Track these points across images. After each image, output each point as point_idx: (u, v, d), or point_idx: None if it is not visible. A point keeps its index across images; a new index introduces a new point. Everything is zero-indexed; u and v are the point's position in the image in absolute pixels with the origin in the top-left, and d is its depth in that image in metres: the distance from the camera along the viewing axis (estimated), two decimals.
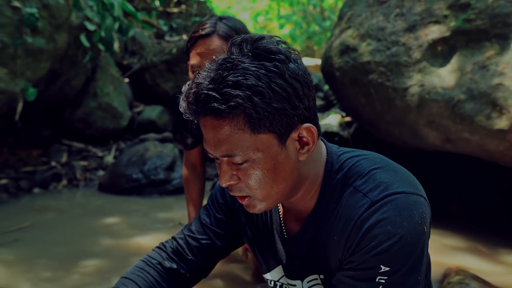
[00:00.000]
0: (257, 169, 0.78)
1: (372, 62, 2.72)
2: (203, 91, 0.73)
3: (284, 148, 0.78)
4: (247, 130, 0.74)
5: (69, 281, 1.86)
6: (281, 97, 0.74)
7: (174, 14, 5.77)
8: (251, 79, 0.72)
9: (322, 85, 5.59)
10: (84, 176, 3.65)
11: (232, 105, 0.72)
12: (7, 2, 3.02)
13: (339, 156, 0.87)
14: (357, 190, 0.81)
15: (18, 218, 2.64)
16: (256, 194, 0.81)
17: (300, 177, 0.83)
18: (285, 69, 0.75)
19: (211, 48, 1.36)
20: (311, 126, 0.79)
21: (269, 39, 0.78)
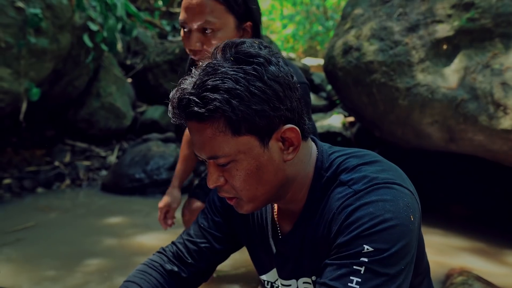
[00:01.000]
0: (241, 170, 0.79)
1: (375, 62, 2.71)
2: (185, 96, 0.76)
3: (267, 149, 0.79)
4: (228, 132, 0.76)
5: (71, 280, 1.87)
6: (260, 99, 0.75)
7: (177, 14, 5.78)
8: (229, 83, 0.74)
9: (325, 85, 5.58)
10: (87, 176, 3.66)
11: (210, 109, 0.74)
12: (10, 3, 3.03)
13: (330, 155, 0.88)
14: (342, 183, 0.81)
15: (22, 217, 2.65)
16: (242, 195, 0.82)
17: (287, 178, 0.83)
18: (264, 71, 0.77)
19: (193, 1, 1.26)
20: (293, 126, 0.80)
21: (250, 43, 0.80)
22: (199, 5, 1.22)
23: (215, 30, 1.24)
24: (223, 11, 1.24)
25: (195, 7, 1.22)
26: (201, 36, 1.24)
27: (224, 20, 1.25)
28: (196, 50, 1.25)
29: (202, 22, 1.23)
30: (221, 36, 1.25)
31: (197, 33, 1.24)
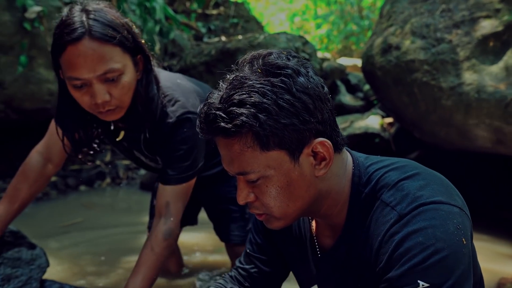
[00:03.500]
0: (271, 186, 0.77)
1: (416, 61, 2.62)
2: (211, 111, 0.74)
3: (297, 164, 0.76)
4: (257, 147, 0.74)
5: (114, 276, 1.92)
6: (289, 113, 0.72)
7: (213, 16, 5.85)
8: (256, 96, 0.72)
9: (361, 85, 5.47)
10: (127, 175, 3.76)
11: (237, 124, 0.72)
12: (57, 9, 3.17)
13: (367, 168, 0.84)
14: (385, 203, 0.77)
15: (68, 213, 2.76)
16: (272, 211, 0.80)
17: (319, 193, 0.80)
18: (293, 83, 0.73)
19: (88, 52, 1.11)
20: (325, 140, 0.76)
21: (277, 54, 0.77)
22: (96, 54, 1.11)
23: (119, 75, 1.16)
24: (120, 53, 1.16)
25: (92, 58, 1.10)
26: (105, 86, 1.14)
27: (124, 61, 1.17)
28: (104, 102, 1.15)
29: (104, 71, 1.13)
30: (126, 79, 1.17)
31: (100, 84, 1.13)
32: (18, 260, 1.38)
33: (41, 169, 1.43)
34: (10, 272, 1.34)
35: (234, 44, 4.04)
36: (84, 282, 1.81)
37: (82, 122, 1.30)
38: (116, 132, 1.36)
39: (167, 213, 1.31)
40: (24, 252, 1.42)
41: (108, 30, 1.13)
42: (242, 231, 1.66)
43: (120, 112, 1.21)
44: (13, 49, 2.95)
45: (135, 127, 1.30)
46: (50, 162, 1.44)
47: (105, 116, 1.20)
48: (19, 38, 2.95)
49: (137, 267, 1.27)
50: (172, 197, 1.32)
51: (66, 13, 1.16)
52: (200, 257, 2.12)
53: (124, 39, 1.15)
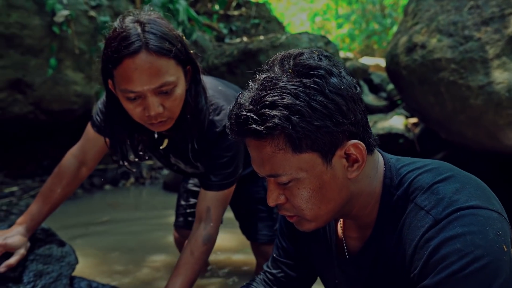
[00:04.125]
0: (303, 189, 0.76)
1: (443, 59, 2.56)
2: (243, 113, 0.73)
3: (330, 166, 0.75)
4: (289, 150, 0.73)
5: (140, 275, 1.95)
6: (322, 115, 0.71)
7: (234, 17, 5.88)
8: (288, 98, 0.71)
9: (385, 85, 5.39)
10: (150, 175, 3.82)
11: (269, 126, 0.71)
12: (84, 13, 3.25)
13: (399, 169, 0.82)
14: (419, 207, 0.74)
15: (94, 212, 2.82)
16: (304, 214, 0.79)
17: (351, 195, 0.79)
18: (326, 84, 0.72)
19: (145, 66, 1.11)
20: (358, 142, 0.75)
21: (309, 54, 0.76)
22: (153, 68, 1.11)
23: (173, 87, 1.16)
24: (174, 66, 1.16)
25: (148, 71, 1.11)
26: (159, 99, 1.15)
27: (178, 74, 1.17)
28: (157, 114, 1.15)
29: (160, 85, 1.13)
30: (178, 92, 1.18)
31: (154, 96, 1.13)
32: (49, 257, 1.42)
33: (75, 172, 1.46)
34: (42, 268, 1.37)
35: (256, 44, 4.05)
36: (110, 280, 1.85)
37: (128, 132, 1.32)
38: (159, 140, 1.38)
39: (207, 218, 1.33)
40: (54, 249, 1.45)
41: (165, 44, 1.13)
42: (269, 230, 1.66)
43: (170, 123, 1.22)
44: (42, 52, 3.04)
45: (182, 136, 1.31)
46: (84, 165, 1.47)
47: (155, 127, 1.21)
48: (48, 41, 3.03)
49: (177, 270, 1.29)
50: (213, 202, 1.34)
51: (119, 24, 1.15)
52: (224, 256, 2.13)
53: (178, 52, 1.15)
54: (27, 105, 3.08)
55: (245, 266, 2.01)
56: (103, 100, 1.40)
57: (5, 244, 1.30)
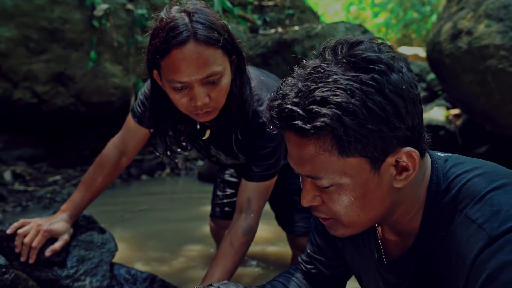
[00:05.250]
0: (344, 195, 0.69)
1: (491, 46, 2.42)
2: (287, 106, 0.66)
3: (377, 174, 0.68)
4: (335, 152, 0.66)
5: (176, 263, 1.98)
6: (378, 117, 0.63)
7: (268, 8, 5.82)
8: (342, 95, 0.63)
9: (424, 74, 5.19)
10: (185, 166, 3.87)
11: (317, 126, 0.64)
12: (122, 6, 3.31)
13: (446, 172, 0.74)
14: (470, 220, 0.67)
15: (132, 201, 2.89)
16: (341, 219, 0.73)
17: (394, 203, 0.73)
18: (386, 82, 0.64)
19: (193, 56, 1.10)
20: (413, 150, 0.67)
21: (369, 44, 0.67)
22: (201, 58, 1.10)
23: (220, 77, 1.14)
24: (221, 56, 1.14)
25: (196, 61, 1.10)
26: (205, 89, 1.14)
27: (224, 64, 1.15)
28: (203, 105, 1.14)
29: (207, 75, 1.12)
30: (225, 82, 1.16)
31: (201, 87, 1.13)
32: (91, 243, 1.46)
33: (116, 162, 1.48)
34: (84, 254, 1.41)
35: (290, 35, 3.99)
36: (148, 267, 1.88)
37: (172, 122, 1.32)
38: (201, 131, 1.38)
39: (248, 209, 1.32)
40: (95, 236, 1.49)
41: (213, 33, 1.12)
42: (306, 222, 1.64)
43: (215, 113, 1.22)
44: (82, 46, 3.13)
45: (226, 127, 1.31)
46: (125, 155, 1.50)
47: (201, 117, 1.21)
48: (88, 35, 3.12)
49: (216, 260, 1.29)
50: (254, 193, 1.33)
51: (166, 14, 1.15)
52: (260, 247, 2.13)
53: (225, 42, 1.15)
54: (69, 97, 3.19)
55: (281, 258, 2.00)
56: (143, 91, 1.41)
57: (51, 230, 1.35)
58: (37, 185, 3.02)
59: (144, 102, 1.40)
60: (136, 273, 1.51)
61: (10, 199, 2.77)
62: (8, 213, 2.59)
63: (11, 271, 1.23)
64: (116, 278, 1.46)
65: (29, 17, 2.91)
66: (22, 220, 1.37)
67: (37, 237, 1.33)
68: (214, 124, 1.33)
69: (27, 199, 2.81)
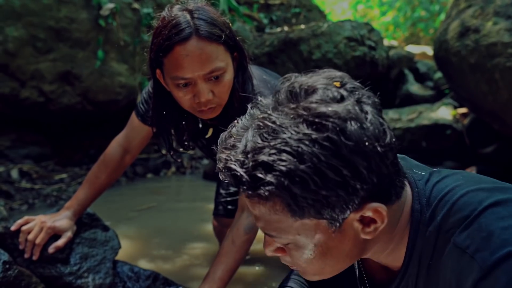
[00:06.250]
0: (303, 252, 0.65)
1: (498, 44, 2.39)
2: (232, 165, 0.60)
3: (339, 231, 0.62)
4: (287, 214, 0.61)
5: (179, 261, 1.98)
6: (333, 183, 0.57)
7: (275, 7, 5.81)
8: (290, 161, 0.56)
9: (431, 73, 5.14)
10: (191, 165, 3.88)
11: (261, 195, 0.59)
12: (128, 5, 3.32)
13: (429, 197, 0.68)
14: (460, 249, 0.61)
15: (138, 199, 2.91)
16: (305, 271, 0.69)
17: (363, 249, 0.68)
18: (342, 141, 0.56)
19: (196, 52, 1.11)
20: (379, 206, 0.61)
21: (325, 92, 0.59)
22: (204, 54, 1.11)
23: (222, 73, 1.15)
24: (224, 52, 1.14)
25: (199, 57, 1.11)
26: (209, 85, 1.15)
27: (227, 60, 1.16)
28: (207, 101, 1.15)
29: (210, 70, 1.12)
30: (227, 77, 1.17)
31: (204, 83, 1.14)
32: (94, 241, 1.47)
33: (120, 160, 1.50)
34: (87, 251, 1.42)
35: (296, 33, 3.98)
36: (151, 265, 1.89)
37: (175, 121, 1.33)
38: (203, 130, 1.38)
39: None
40: (99, 233, 1.50)
41: (215, 29, 1.13)
42: None
43: (219, 109, 1.22)
44: (89, 45, 3.14)
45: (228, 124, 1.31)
46: (129, 153, 1.51)
47: (205, 114, 1.21)
48: (94, 34, 3.14)
49: (218, 258, 1.29)
50: None
51: (168, 13, 1.16)
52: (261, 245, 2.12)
53: (227, 38, 1.15)
54: (75, 96, 3.21)
55: None
56: (147, 90, 1.42)
57: (54, 227, 1.36)
58: (44, 183, 3.05)
59: (148, 100, 1.40)
60: (139, 271, 1.51)
61: (17, 196, 2.80)
62: (15, 211, 2.62)
63: (14, 267, 1.24)
64: (119, 275, 1.47)
65: (36, 17, 2.94)
66: (26, 217, 1.39)
67: (40, 234, 1.34)
68: (217, 122, 1.33)
69: (34, 197, 2.84)
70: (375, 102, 0.62)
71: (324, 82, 0.61)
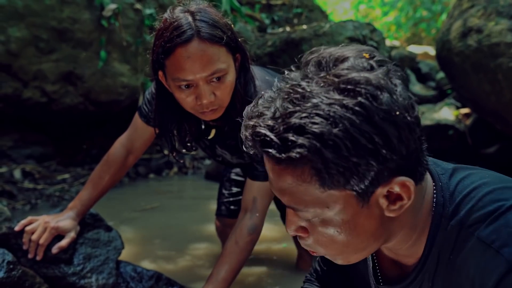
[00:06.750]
0: (329, 229, 0.63)
1: (501, 44, 2.39)
2: (261, 130, 0.59)
3: (366, 206, 0.61)
4: (315, 184, 0.59)
5: (182, 262, 1.98)
6: (364, 150, 0.55)
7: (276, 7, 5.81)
8: (322, 124, 0.55)
9: (434, 73, 5.14)
10: (193, 165, 3.88)
11: (292, 157, 0.57)
12: (130, 6, 3.33)
13: (453, 192, 0.68)
14: (485, 244, 0.61)
15: (141, 200, 2.91)
16: (327, 253, 0.68)
17: (388, 233, 0.67)
18: (375, 109, 0.56)
19: (198, 54, 1.11)
20: (407, 180, 0.60)
21: (355, 61, 0.59)
22: (205, 55, 1.11)
23: (224, 75, 1.15)
24: (225, 53, 1.15)
25: (201, 59, 1.11)
26: (211, 87, 1.15)
27: (228, 61, 1.16)
28: (209, 103, 1.15)
29: (212, 72, 1.13)
30: (229, 79, 1.17)
31: (206, 85, 1.14)
32: (97, 241, 1.47)
33: (123, 160, 1.50)
34: (90, 252, 1.42)
35: (298, 34, 3.98)
36: (153, 265, 1.89)
37: (177, 122, 1.33)
38: (206, 131, 1.39)
39: (253, 209, 1.33)
40: (102, 233, 1.50)
41: (216, 31, 1.13)
42: None
43: (221, 111, 1.23)
44: (91, 45, 3.15)
45: (231, 126, 1.31)
46: (132, 153, 1.52)
47: (207, 115, 1.21)
48: (97, 35, 3.14)
49: (222, 258, 1.29)
50: (259, 193, 1.33)
51: (169, 15, 1.16)
52: (265, 246, 2.12)
53: (229, 39, 1.16)
54: (77, 96, 3.22)
55: (286, 257, 1.99)
56: (151, 91, 1.42)
57: (57, 227, 1.36)
58: (46, 183, 3.05)
59: (151, 101, 1.41)
60: (142, 271, 1.52)
61: (20, 197, 2.81)
62: (17, 211, 2.63)
63: (18, 267, 1.25)
64: (122, 275, 1.47)
65: (39, 17, 2.94)
66: (29, 217, 1.39)
67: (44, 234, 1.34)
68: (219, 123, 1.33)
69: (36, 197, 2.85)
70: (403, 76, 0.62)
71: (353, 53, 0.60)
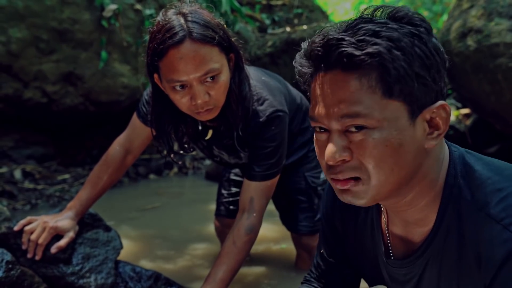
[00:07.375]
0: (379, 142, 0.64)
1: (501, 44, 2.39)
2: (334, 36, 0.64)
3: (413, 125, 0.66)
4: (378, 90, 0.64)
5: (181, 262, 1.99)
6: (423, 64, 0.65)
7: (277, 7, 5.82)
8: (394, 32, 0.64)
9: None
10: (193, 165, 3.89)
11: (370, 52, 0.62)
12: (130, 6, 3.33)
13: (464, 166, 0.72)
14: (494, 220, 0.65)
15: (141, 200, 2.92)
16: (370, 175, 0.67)
17: (420, 170, 0.69)
18: (428, 40, 0.66)
19: (190, 55, 1.13)
20: (446, 104, 0.68)
21: (407, 11, 0.69)
22: (198, 56, 1.13)
23: (218, 74, 1.16)
24: (218, 53, 1.16)
25: (193, 59, 1.12)
26: (205, 87, 1.16)
27: (221, 61, 1.17)
28: (204, 103, 1.16)
29: (205, 72, 1.14)
30: (223, 79, 1.18)
31: (200, 85, 1.15)
32: (96, 241, 1.47)
33: (122, 160, 1.51)
34: (89, 252, 1.43)
35: (299, 34, 3.99)
36: (152, 265, 1.89)
37: (174, 124, 1.34)
38: (203, 132, 1.39)
39: (250, 209, 1.33)
40: (101, 233, 1.51)
41: (208, 31, 1.15)
42: (310, 221, 1.63)
43: (216, 111, 1.23)
44: (91, 46, 3.16)
45: (227, 125, 1.32)
46: (130, 153, 1.53)
47: (202, 116, 1.22)
48: (97, 35, 3.15)
49: (219, 259, 1.30)
50: (256, 193, 1.34)
51: (162, 17, 1.18)
52: (264, 246, 2.13)
53: (221, 39, 1.17)
54: (78, 96, 3.23)
55: (285, 257, 1.99)
56: (149, 92, 1.43)
57: (56, 227, 1.37)
58: (47, 183, 3.06)
59: (149, 102, 1.41)
60: (141, 271, 1.52)
61: (20, 197, 2.82)
62: (17, 211, 2.63)
63: (17, 267, 1.25)
64: (121, 275, 1.48)
65: (39, 18, 2.95)
66: (29, 217, 1.40)
67: (43, 234, 1.35)
68: (216, 124, 1.34)
69: (37, 197, 2.85)
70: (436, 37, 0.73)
71: (404, 7, 0.70)
